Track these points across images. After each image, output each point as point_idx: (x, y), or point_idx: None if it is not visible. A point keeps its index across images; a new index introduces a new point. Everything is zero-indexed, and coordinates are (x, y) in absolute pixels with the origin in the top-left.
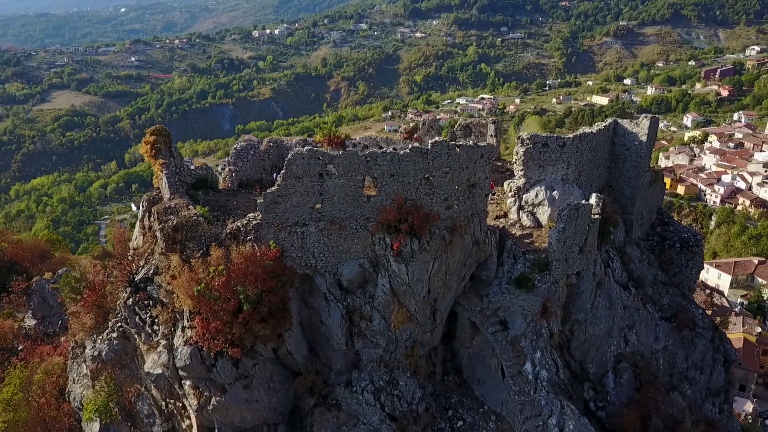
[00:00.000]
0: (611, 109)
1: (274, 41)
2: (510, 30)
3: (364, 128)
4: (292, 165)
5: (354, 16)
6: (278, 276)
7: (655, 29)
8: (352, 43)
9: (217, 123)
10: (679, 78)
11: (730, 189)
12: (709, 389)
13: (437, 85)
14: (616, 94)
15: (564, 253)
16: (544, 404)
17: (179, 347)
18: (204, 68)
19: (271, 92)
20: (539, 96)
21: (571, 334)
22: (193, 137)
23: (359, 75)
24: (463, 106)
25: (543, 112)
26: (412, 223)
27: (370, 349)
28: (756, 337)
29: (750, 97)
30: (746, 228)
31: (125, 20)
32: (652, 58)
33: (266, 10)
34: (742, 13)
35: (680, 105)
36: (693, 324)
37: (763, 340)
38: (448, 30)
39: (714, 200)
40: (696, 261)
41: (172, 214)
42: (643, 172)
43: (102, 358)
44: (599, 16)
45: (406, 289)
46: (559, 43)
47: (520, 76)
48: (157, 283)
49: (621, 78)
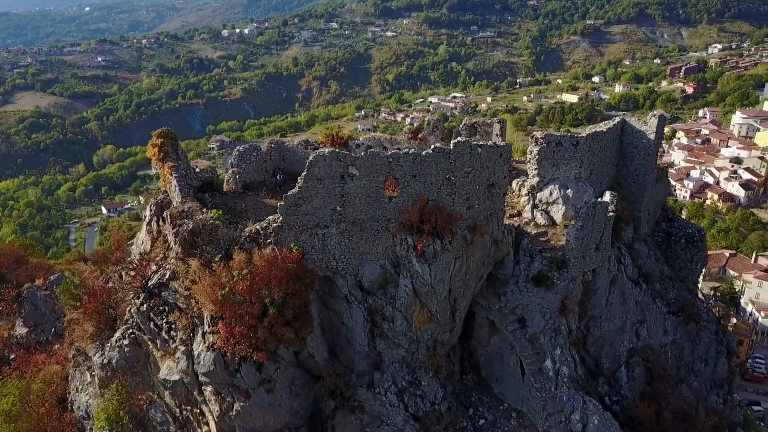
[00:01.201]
0: (581, 107)
1: (244, 41)
2: (480, 29)
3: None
4: (313, 167)
5: (324, 15)
6: (301, 278)
7: (620, 28)
8: (323, 43)
9: (188, 123)
10: (646, 76)
11: (698, 184)
12: (714, 380)
13: (409, 84)
14: (586, 92)
15: (582, 250)
16: (566, 400)
17: (201, 353)
18: (173, 68)
19: (242, 92)
20: (510, 94)
21: (586, 330)
22: None
23: (331, 74)
24: (436, 105)
25: (514, 110)
26: (435, 224)
27: (392, 350)
28: (732, 327)
29: (714, 94)
30: (715, 222)
31: (90, 19)
32: (618, 56)
33: (235, 9)
34: (704, 12)
35: (647, 102)
36: (698, 317)
37: (739, 331)
38: (419, 29)
39: (684, 195)
40: (700, 256)
41: (186, 218)
42: (651, 169)
43: (112, 366)
44: (567, 15)
45: (428, 289)
46: (528, 41)
47: (490, 74)
48: (173, 288)
49: (589, 76)
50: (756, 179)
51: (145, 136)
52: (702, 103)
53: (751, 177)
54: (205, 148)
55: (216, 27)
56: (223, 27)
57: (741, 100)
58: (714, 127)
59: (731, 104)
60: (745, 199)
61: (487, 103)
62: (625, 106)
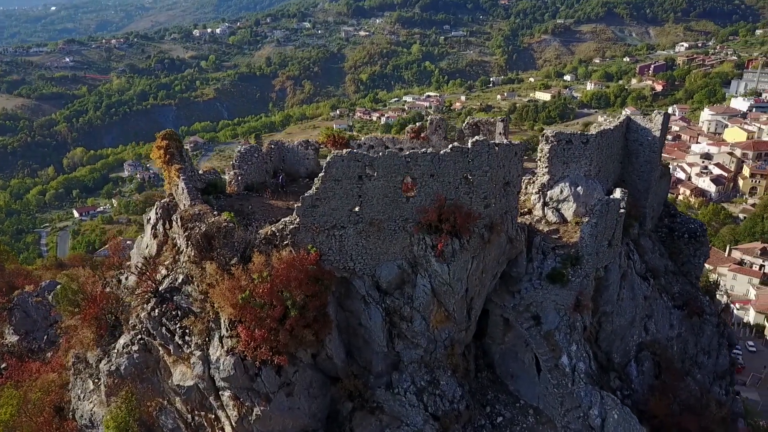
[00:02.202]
0: (554, 105)
1: (216, 40)
2: (452, 28)
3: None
4: (331, 168)
5: (297, 14)
6: (320, 280)
7: (590, 27)
8: (296, 42)
9: (160, 125)
10: (616, 74)
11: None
12: (716, 372)
13: (383, 84)
14: (558, 90)
15: (595, 247)
16: (584, 396)
17: (221, 357)
18: (144, 68)
19: (215, 92)
20: (484, 93)
21: (599, 325)
22: (135, 140)
23: (304, 74)
24: (411, 104)
25: (489, 109)
26: (454, 223)
27: (410, 350)
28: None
29: (682, 92)
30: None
31: (56, 19)
32: (589, 54)
33: (206, 9)
34: (670, 11)
35: (618, 100)
36: (701, 311)
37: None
38: (392, 28)
39: None
40: (703, 250)
41: (197, 221)
42: (656, 166)
43: (120, 373)
44: (537, 14)
45: (447, 288)
46: (500, 40)
47: (463, 73)
48: (186, 292)
49: (561, 74)
50: (726, 174)
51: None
52: (671, 100)
53: (721, 172)
54: None
55: (187, 27)
56: (194, 27)
57: (708, 97)
58: (684, 123)
59: (699, 101)
60: (716, 194)
61: (461, 102)
62: (597, 103)
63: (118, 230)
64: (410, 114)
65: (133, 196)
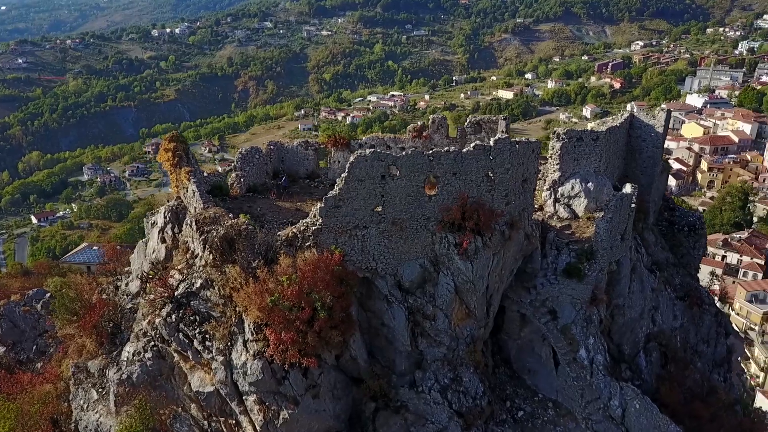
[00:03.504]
0: (516, 103)
1: (176, 40)
2: (414, 28)
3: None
4: (354, 168)
5: (258, 14)
6: (345, 281)
7: (549, 26)
8: (257, 42)
9: (120, 127)
10: (575, 72)
11: None
12: (715, 360)
13: (347, 83)
14: (520, 89)
15: (610, 241)
16: (603, 387)
17: (248, 362)
18: (101, 69)
19: (175, 93)
20: (447, 92)
21: (611, 318)
22: (94, 143)
23: (267, 74)
24: (375, 104)
25: (453, 108)
26: (477, 221)
27: (434, 348)
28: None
29: (639, 89)
30: None
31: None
32: (548, 53)
33: (163, 9)
34: (625, 11)
35: (579, 97)
36: (701, 301)
37: None
38: (354, 28)
39: None
40: (701, 243)
41: (214, 225)
42: (659, 162)
43: (132, 381)
44: (498, 13)
45: (469, 286)
46: (461, 40)
47: (426, 72)
48: (204, 297)
49: (522, 73)
50: (685, 169)
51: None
52: (629, 97)
53: (680, 167)
54: (141, 152)
55: (145, 26)
56: (152, 26)
57: (665, 94)
58: None
59: (656, 98)
60: (677, 188)
61: (425, 101)
62: (558, 101)
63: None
64: (375, 113)
65: (94, 200)
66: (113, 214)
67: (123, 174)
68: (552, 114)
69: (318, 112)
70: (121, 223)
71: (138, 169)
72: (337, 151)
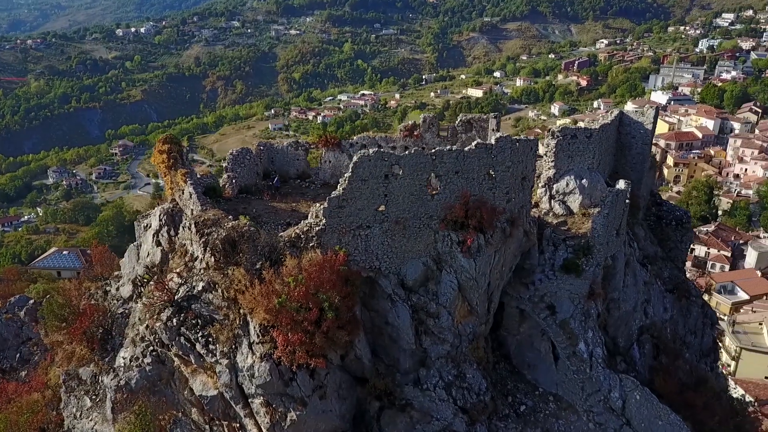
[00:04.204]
0: (486, 101)
1: (141, 40)
2: (383, 26)
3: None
4: (358, 168)
5: (225, 13)
6: (350, 281)
7: (516, 25)
8: (225, 41)
9: (85, 129)
10: (543, 70)
11: None
12: (702, 350)
13: (316, 82)
14: (489, 87)
15: (606, 236)
16: (603, 380)
17: (255, 364)
18: (64, 70)
19: (142, 94)
20: (417, 90)
21: (607, 312)
22: (58, 145)
23: (236, 74)
24: (346, 103)
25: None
26: (480, 218)
27: (437, 346)
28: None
29: (605, 86)
30: None
31: None
32: (516, 51)
33: (127, 8)
34: (589, 10)
35: (547, 95)
36: (689, 293)
37: None
38: (323, 27)
39: None
40: (688, 236)
41: (214, 227)
42: (647, 158)
43: (130, 387)
44: (465, 12)
45: (472, 283)
46: (430, 38)
47: (396, 71)
48: (206, 300)
49: (491, 71)
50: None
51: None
52: (595, 95)
53: None
54: (107, 154)
55: (109, 26)
56: (116, 26)
57: (630, 91)
58: None
59: (621, 95)
60: None
61: (396, 100)
62: (527, 99)
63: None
64: (347, 112)
65: (60, 204)
66: (81, 218)
67: (89, 176)
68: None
69: (288, 112)
70: (89, 227)
71: (105, 171)
72: (328, 151)
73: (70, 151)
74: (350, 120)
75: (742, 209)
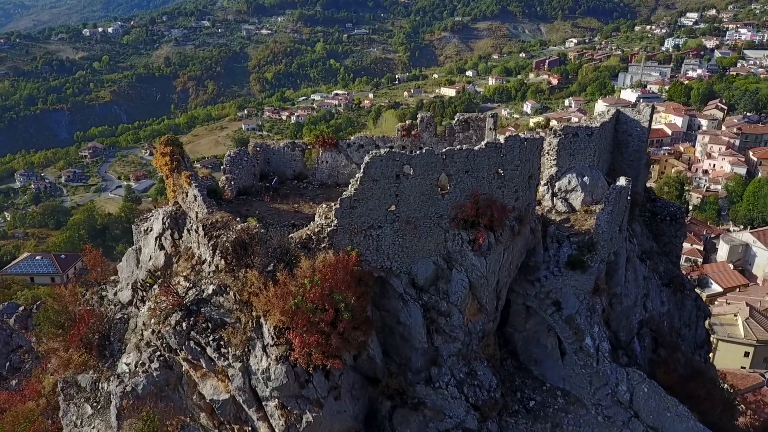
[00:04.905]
0: (459, 100)
1: (109, 40)
2: (355, 26)
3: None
4: (370, 168)
5: (195, 12)
6: (363, 281)
7: (486, 24)
8: (195, 41)
9: (52, 131)
10: (514, 69)
11: None
12: (696, 342)
13: (289, 82)
14: (462, 86)
15: (610, 233)
16: (610, 374)
17: (270, 367)
18: (29, 71)
19: (111, 95)
20: (391, 90)
21: (610, 307)
22: (25, 147)
23: (207, 74)
24: (320, 103)
25: (397, 106)
26: (491, 217)
27: (449, 344)
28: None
29: (576, 85)
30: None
31: None
32: (487, 51)
33: (94, 7)
34: (558, 9)
35: (519, 94)
36: (683, 287)
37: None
38: (294, 26)
39: None
40: (682, 231)
41: (223, 229)
42: (644, 155)
43: (137, 393)
44: (437, 12)
45: (483, 281)
46: (402, 38)
47: (369, 70)
48: (216, 303)
49: (463, 70)
50: None
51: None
52: (566, 93)
53: None
54: (76, 156)
55: (75, 26)
56: (83, 26)
57: (600, 89)
58: (581, 114)
59: (592, 93)
60: None
61: (369, 100)
62: (500, 97)
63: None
64: (320, 112)
65: (29, 208)
66: (50, 222)
67: (59, 180)
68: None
69: (261, 112)
70: (59, 231)
71: (75, 174)
72: (325, 152)
73: (38, 153)
74: (325, 120)
75: (711, 204)
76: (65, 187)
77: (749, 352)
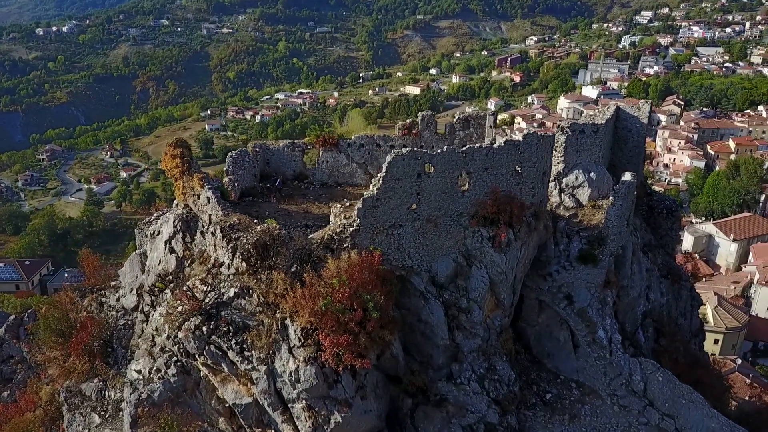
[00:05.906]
0: (424, 98)
1: (64, 40)
2: (317, 24)
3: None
4: (392, 167)
5: (153, 11)
6: (388, 280)
7: (448, 22)
8: (154, 41)
9: (7, 133)
10: (477, 67)
11: None
12: (691, 331)
13: (252, 82)
14: (426, 84)
15: (619, 227)
16: (624, 364)
17: (300, 368)
18: None
19: (68, 96)
20: (355, 88)
21: (618, 299)
22: None
23: (167, 74)
24: (284, 102)
25: (362, 104)
26: (511, 214)
27: (470, 340)
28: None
29: (538, 82)
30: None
31: None
32: (449, 49)
33: (47, 5)
34: (517, 8)
35: (482, 91)
36: (679, 278)
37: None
38: (256, 25)
39: None
40: (677, 224)
41: (242, 231)
42: (643, 151)
43: (153, 400)
44: (398, 10)
45: (502, 277)
46: (364, 36)
47: (332, 69)
48: (237, 306)
49: (426, 68)
50: None
51: None
52: (529, 90)
53: None
54: (33, 159)
55: (28, 25)
56: (36, 25)
57: (561, 86)
58: (545, 111)
59: (554, 90)
60: None
61: (334, 98)
62: (464, 95)
63: None
64: (285, 111)
65: None
66: (8, 228)
67: (15, 184)
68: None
69: (225, 112)
70: (18, 237)
71: (32, 177)
72: (325, 152)
73: None
74: (290, 119)
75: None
76: (23, 191)
77: (719, 339)
